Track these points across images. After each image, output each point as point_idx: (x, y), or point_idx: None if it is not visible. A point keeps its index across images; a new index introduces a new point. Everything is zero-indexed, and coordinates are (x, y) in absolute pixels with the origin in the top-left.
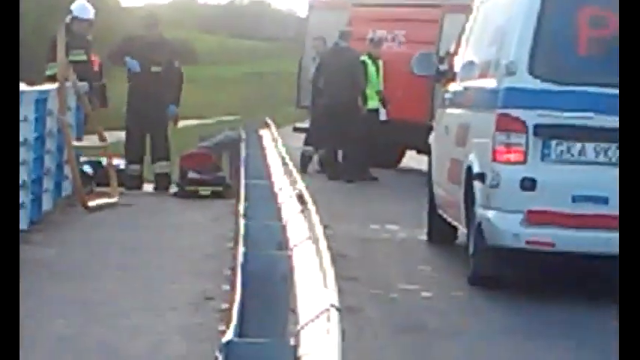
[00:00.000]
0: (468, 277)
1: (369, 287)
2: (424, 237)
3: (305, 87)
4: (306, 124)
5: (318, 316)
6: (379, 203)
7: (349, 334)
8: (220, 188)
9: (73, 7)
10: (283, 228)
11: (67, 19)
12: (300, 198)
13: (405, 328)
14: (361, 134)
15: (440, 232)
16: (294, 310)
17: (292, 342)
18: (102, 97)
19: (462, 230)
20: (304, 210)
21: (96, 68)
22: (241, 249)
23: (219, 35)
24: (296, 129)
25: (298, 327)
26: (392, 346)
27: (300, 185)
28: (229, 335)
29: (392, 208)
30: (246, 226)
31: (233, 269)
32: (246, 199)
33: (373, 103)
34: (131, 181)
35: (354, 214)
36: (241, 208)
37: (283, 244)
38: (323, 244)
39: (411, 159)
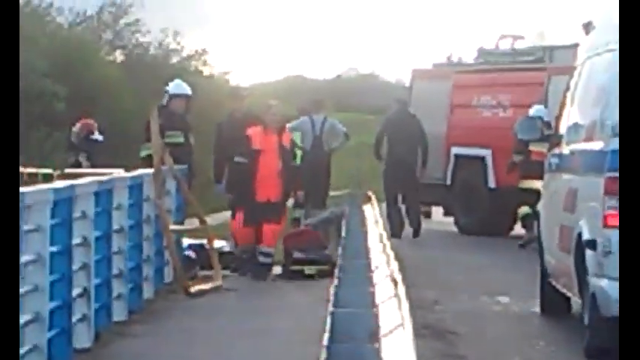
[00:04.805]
0: (584, 350)
1: None
2: (537, 309)
3: None
4: None
5: None
6: (490, 273)
7: None
8: (326, 267)
9: (168, 87)
10: (375, 315)
11: (164, 100)
12: (394, 280)
13: None
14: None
15: (553, 303)
16: None
17: None
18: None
19: (576, 300)
20: (396, 294)
21: None
22: (325, 341)
23: (328, 110)
24: None
25: None
26: None
27: (394, 265)
28: None
29: (503, 278)
30: (332, 314)
31: None
32: (338, 283)
33: None
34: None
35: (464, 286)
36: (332, 292)
37: (373, 334)
38: (409, 331)
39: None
